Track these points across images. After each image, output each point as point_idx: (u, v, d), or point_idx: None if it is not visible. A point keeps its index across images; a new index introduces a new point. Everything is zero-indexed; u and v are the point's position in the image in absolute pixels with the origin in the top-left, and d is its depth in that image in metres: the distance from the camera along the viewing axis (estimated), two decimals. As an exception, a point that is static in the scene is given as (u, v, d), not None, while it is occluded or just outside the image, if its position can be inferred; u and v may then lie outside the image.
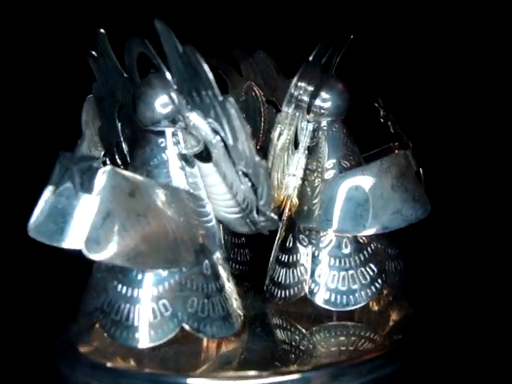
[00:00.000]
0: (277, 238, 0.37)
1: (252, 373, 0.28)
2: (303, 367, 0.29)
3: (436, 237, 0.40)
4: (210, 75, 0.25)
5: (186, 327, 0.28)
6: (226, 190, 0.31)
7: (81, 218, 0.27)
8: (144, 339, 0.27)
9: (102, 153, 0.36)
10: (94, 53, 0.34)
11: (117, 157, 0.37)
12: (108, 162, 0.31)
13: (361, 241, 0.33)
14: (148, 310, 0.28)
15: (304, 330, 0.33)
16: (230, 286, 0.30)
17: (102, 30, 0.32)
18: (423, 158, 0.34)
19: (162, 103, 0.29)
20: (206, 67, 0.25)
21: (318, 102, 0.34)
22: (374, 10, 0.51)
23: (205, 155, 0.31)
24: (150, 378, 0.28)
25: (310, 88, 0.34)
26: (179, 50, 0.26)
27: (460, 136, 0.49)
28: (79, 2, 0.56)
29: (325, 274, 0.33)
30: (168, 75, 0.28)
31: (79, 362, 0.30)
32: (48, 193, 0.29)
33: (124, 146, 0.36)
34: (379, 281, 0.33)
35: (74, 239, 0.27)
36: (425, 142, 0.35)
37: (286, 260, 0.35)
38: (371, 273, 0.33)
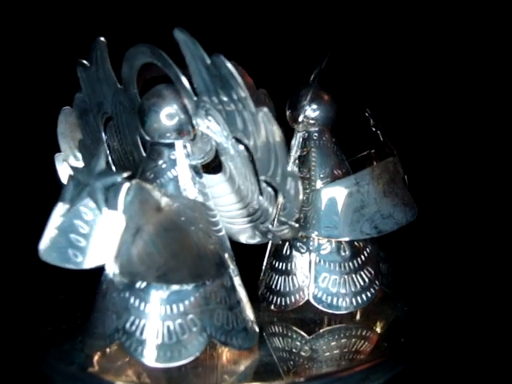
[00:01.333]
0: (269, 246, 0.37)
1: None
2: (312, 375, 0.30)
3: (420, 238, 0.43)
4: (243, 86, 0.25)
5: (215, 341, 0.28)
6: (234, 200, 0.31)
7: (105, 237, 0.26)
8: (174, 357, 0.27)
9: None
10: (85, 62, 0.32)
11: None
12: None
13: (357, 245, 0.35)
14: (176, 326, 0.27)
15: (307, 336, 0.33)
16: (245, 297, 0.30)
17: (102, 39, 0.30)
18: (406, 165, 0.36)
19: (171, 115, 0.29)
20: (239, 78, 0.25)
21: (307, 112, 0.35)
22: (359, 19, 0.53)
23: (214, 165, 0.31)
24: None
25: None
26: (206, 61, 0.26)
27: (439, 143, 0.52)
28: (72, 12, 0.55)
29: (327, 278, 0.34)
30: (186, 85, 0.27)
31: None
32: (61, 211, 0.27)
33: (110, 159, 0.35)
34: (376, 282, 0.35)
35: (97, 259, 0.26)
36: (405, 149, 0.37)
37: (283, 267, 0.35)
38: (369, 275, 0.35)
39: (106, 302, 0.28)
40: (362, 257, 0.35)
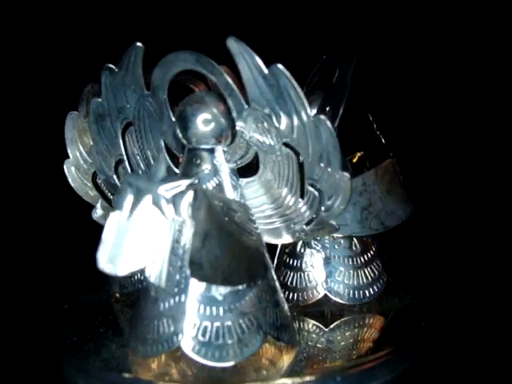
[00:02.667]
0: (279, 245, 0.39)
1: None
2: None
3: (418, 231, 0.46)
4: (302, 95, 0.27)
5: (269, 337, 0.29)
6: (266, 201, 0.32)
7: (169, 243, 0.26)
8: (237, 355, 0.28)
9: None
10: (113, 66, 0.32)
11: (115, 176, 0.35)
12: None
13: (366, 240, 0.38)
14: (236, 326, 0.28)
15: (325, 328, 0.35)
16: (281, 293, 0.32)
17: (139, 44, 0.30)
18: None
19: (213, 121, 0.30)
20: (298, 88, 0.27)
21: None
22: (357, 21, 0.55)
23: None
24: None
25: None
26: (264, 71, 0.27)
27: (436, 140, 0.56)
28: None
29: (342, 273, 0.36)
30: (237, 93, 0.28)
31: None
32: (117, 219, 0.27)
33: (127, 164, 0.35)
34: (384, 274, 0.38)
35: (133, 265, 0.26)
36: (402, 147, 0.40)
37: (297, 265, 0.37)
38: (378, 267, 0.37)
39: (159, 308, 0.28)
40: (371, 251, 0.38)
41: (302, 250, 0.37)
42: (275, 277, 0.31)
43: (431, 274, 0.41)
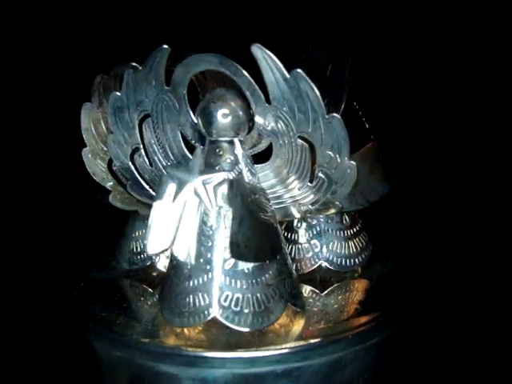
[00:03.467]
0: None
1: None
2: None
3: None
4: (319, 96, 0.31)
5: (289, 305, 0.33)
6: (275, 184, 0.36)
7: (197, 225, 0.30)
8: (265, 321, 0.32)
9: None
10: (136, 65, 0.34)
11: (130, 163, 0.38)
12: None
13: (353, 215, 0.43)
14: (263, 296, 0.32)
15: (321, 293, 0.40)
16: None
17: (166, 46, 0.33)
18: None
19: (234, 116, 0.33)
20: (316, 90, 0.31)
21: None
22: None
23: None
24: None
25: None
26: (285, 75, 0.31)
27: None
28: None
29: (335, 244, 0.41)
30: (259, 92, 0.32)
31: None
32: (160, 207, 0.30)
33: (143, 152, 0.38)
34: (370, 243, 0.43)
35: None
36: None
37: (294, 238, 0.42)
38: (365, 238, 0.43)
39: (193, 284, 0.32)
40: (359, 224, 0.43)
41: (299, 225, 0.42)
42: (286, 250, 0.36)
43: (409, 243, 0.47)
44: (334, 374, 0.33)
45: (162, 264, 0.41)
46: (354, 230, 0.42)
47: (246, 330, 0.32)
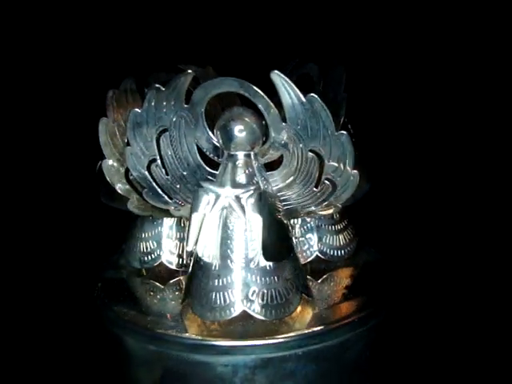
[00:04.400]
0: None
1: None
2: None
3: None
4: (330, 116, 0.36)
5: (304, 295, 0.39)
6: (283, 189, 0.40)
7: (243, 235, 0.35)
8: (286, 311, 0.37)
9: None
10: (159, 86, 0.38)
11: (146, 172, 0.41)
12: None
13: (342, 211, 0.48)
14: (283, 290, 0.37)
15: (316, 281, 0.46)
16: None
17: (190, 71, 0.37)
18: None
19: (251, 133, 0.37)
20: (328, 112, 0.35)
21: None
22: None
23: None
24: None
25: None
26: (302, 99, 0.35)
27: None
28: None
29: (328, 237, 0.47)
30: (276, 113, 0.36)
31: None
32: (198, 218, 0.34)
33: (159, 162, 0.41)
34: (357, 236, 0.48)
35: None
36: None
37: (294, 233, 0.47)
38: (352, 231, 0.48)
39: (222, 282, 0.37)
40: (346, 219, 0.48)
41: (295, 222, 0.47)
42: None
43: (389, 234, 0.53)
44: (343, 354, 0.39)
45: (173, 262, 0.46)
46: (343, 224, 0.48)
47: (271, 320, 0.37)
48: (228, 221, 0.37)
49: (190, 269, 0.39)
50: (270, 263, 0.37)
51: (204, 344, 0.37)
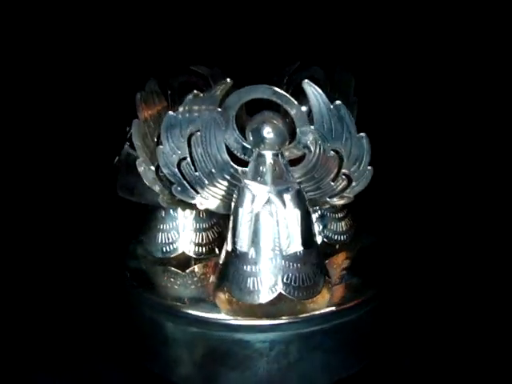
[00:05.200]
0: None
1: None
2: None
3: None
4: (353, 121, 0.40)
5: (327, 278, 0.44)
6: (303, 181, 0.45)
7: (285, 228, 0.39)
8: (315, 292, 0.42)
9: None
10: (199, 93, 0.41)
11: (176, 170, 0.45)
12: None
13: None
14: (311, 273, 0.42)
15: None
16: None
17: (229, 80, 0.40)
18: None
19: (279, 135, 0.42)
20: (351, 117, 0.40)
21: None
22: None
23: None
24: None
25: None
26: (330, 106, 0.40)
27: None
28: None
29: (332, 224, 0.52)
30: (305, 118, 0.41)
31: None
32: (242, 212, 0.39)
33: (189, 160, 0.45)
34: (355, 223, 0.54)
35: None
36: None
37: (301, 221, 0.52)
38: (351, 219, 0.54)
39: (260, 268, 0.41)
40: (345, 209, 0.53)
41: (305, 211, 0.52)
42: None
43: (384, 220, 0.59)
44: (357, 329, 0.44)
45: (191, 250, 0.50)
46: (344, 212, 0.53)
47: (304, 300, 0.42)
48: (261, 214, 0.42)
49: (223, 257, 0.44)
50: (300, 250, 0.42)
51: (245, 324, 0.41)
